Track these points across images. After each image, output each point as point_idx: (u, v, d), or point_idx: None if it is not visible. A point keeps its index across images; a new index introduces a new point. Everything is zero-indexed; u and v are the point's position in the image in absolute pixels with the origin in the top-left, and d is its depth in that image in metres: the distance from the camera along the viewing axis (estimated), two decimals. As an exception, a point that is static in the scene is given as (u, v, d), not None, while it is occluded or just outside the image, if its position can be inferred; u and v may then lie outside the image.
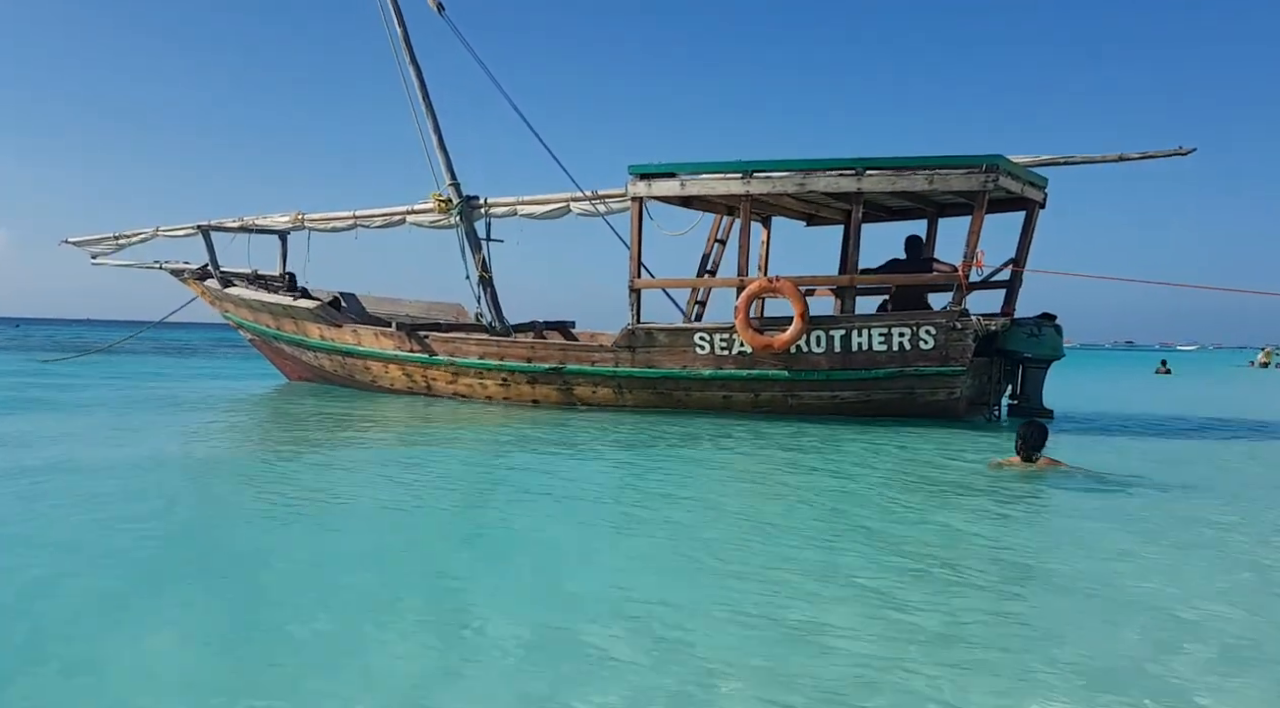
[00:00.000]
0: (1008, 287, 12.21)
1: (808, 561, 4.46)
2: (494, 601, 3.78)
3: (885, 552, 4.65)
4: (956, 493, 6.46)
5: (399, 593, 3.88)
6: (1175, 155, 11.10)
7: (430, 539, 5.10)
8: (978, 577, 4.25)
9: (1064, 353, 11.85)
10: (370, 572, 4.22)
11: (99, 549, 4.57)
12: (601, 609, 3.64)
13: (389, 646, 3.25)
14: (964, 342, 10.61)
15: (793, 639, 3.34)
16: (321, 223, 15.42)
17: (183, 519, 5.44)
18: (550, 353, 12.12)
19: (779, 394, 11.17)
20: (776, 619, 3.55)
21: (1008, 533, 5.32)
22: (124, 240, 17.13)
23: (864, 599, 3.80)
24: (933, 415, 10.88)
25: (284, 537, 4.99)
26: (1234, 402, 18.70)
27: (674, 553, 4.69)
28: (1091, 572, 4.40)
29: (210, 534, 5.10)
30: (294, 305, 14.39)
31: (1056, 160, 11.56)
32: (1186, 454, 9.43)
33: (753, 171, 11.02)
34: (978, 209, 10.53)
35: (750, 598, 3.80)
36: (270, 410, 12.57)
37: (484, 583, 4.11)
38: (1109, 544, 4.96)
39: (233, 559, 4.46)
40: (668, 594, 3.83)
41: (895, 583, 4.05)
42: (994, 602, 3.89)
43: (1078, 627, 3.58)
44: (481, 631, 3.41)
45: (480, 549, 4.85)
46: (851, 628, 3.43)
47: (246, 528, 5.21)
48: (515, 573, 4.27)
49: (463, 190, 14.17)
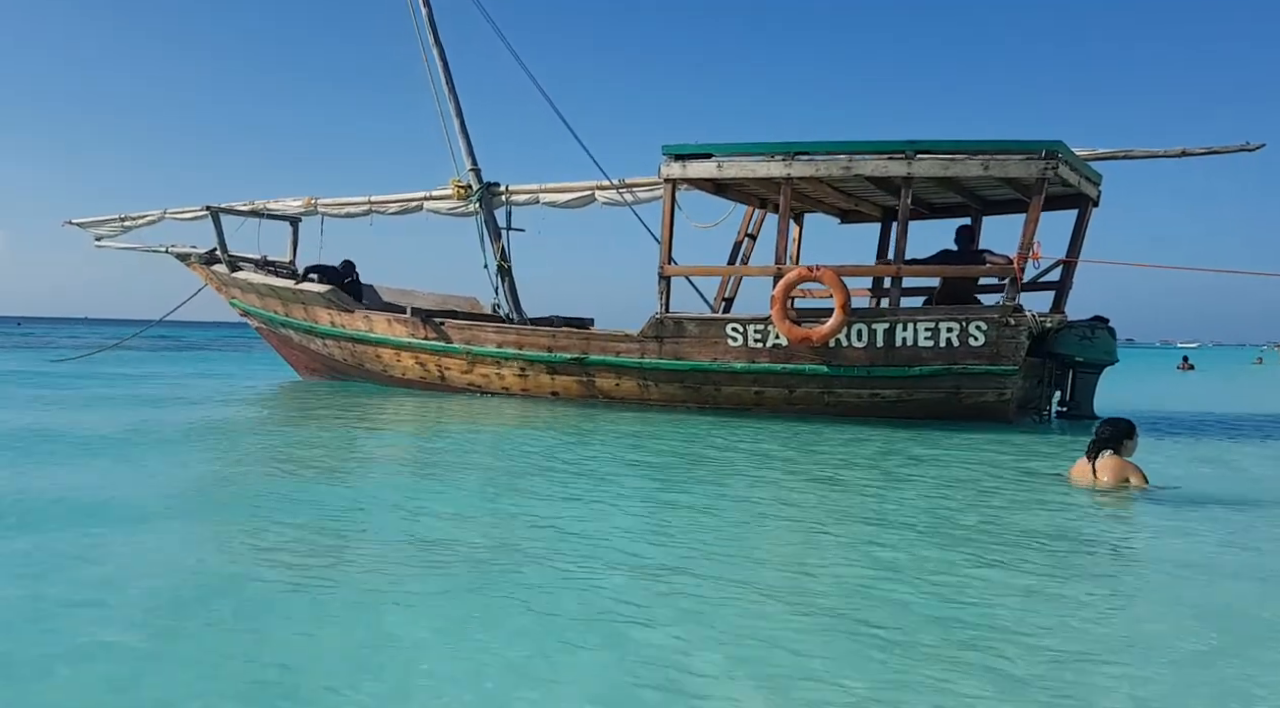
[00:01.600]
0: (1057, 287, 11.57)
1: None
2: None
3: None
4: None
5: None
6: (1242, 151, 10.48)
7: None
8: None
9: (1118, 358, 11.18)
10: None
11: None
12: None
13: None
14: (1017, 339, 9.93)
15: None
16: (335, 208, 14.87)
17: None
18: (572, 342, 11.46)
19: (815, 391, 10.49)
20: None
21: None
22: (130, 222, 16.55)
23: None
24: (979, 418, 10.18)
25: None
26: (1267, 398, 18.06)
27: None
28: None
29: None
30: (303, 290, 13.77)
31: (1115, 154, 10.94)
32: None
33: (795, 153, 10.39)
34: (1036, 196, 9.88)
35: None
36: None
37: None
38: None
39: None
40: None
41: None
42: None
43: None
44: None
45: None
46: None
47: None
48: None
49: (483, 176, 13.64)
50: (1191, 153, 10.59)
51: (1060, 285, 11.55)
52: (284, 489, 5.75)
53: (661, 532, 4.80)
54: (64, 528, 4.49)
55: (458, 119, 13.77)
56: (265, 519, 4.83)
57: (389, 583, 3.64)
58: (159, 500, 5.24)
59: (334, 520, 4.84)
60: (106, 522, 4.64)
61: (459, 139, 13.75)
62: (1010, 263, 10.09)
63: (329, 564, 3.96)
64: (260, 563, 3.93)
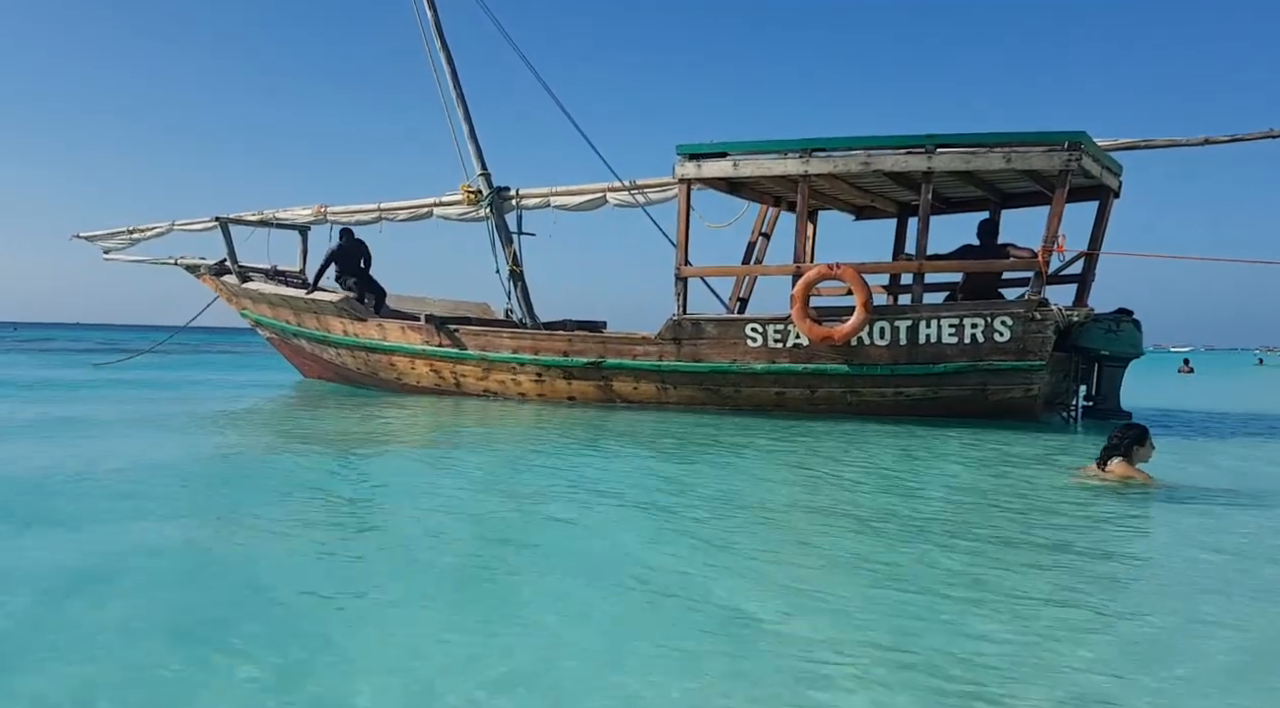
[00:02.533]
0: (1080, 280, 11.39)
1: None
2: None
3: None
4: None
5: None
6: (1268, 137, 10.28)
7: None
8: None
9: (1143, 351, 10.99)
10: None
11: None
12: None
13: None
14: (1044, 334, 9.76)
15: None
16: (345, 216, 14.74)
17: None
18: (589, 346, 11.32)
19: (837, 390, 10.33)
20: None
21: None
22: (138, 235, 16.47)
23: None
24: (1006, 415, 10.01)
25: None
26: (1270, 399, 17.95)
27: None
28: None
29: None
30: (316, 299, 13.65)
31: (1137, 144, 10.75)
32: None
33: (813, 150, 10.24)
34: (1059, 188, 9.70)
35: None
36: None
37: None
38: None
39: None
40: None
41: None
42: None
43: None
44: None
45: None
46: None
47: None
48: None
49: (493, 181, 13.50)
50: (1215, 141, 10.39)
51: (1083, 278, 11.36)
52: (325, 465, 5.60)
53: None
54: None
55: (466, 124, 13.64)
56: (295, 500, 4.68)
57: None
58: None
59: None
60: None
61: (468, 144, 13.61)
62: (1034, 256, 9.93)
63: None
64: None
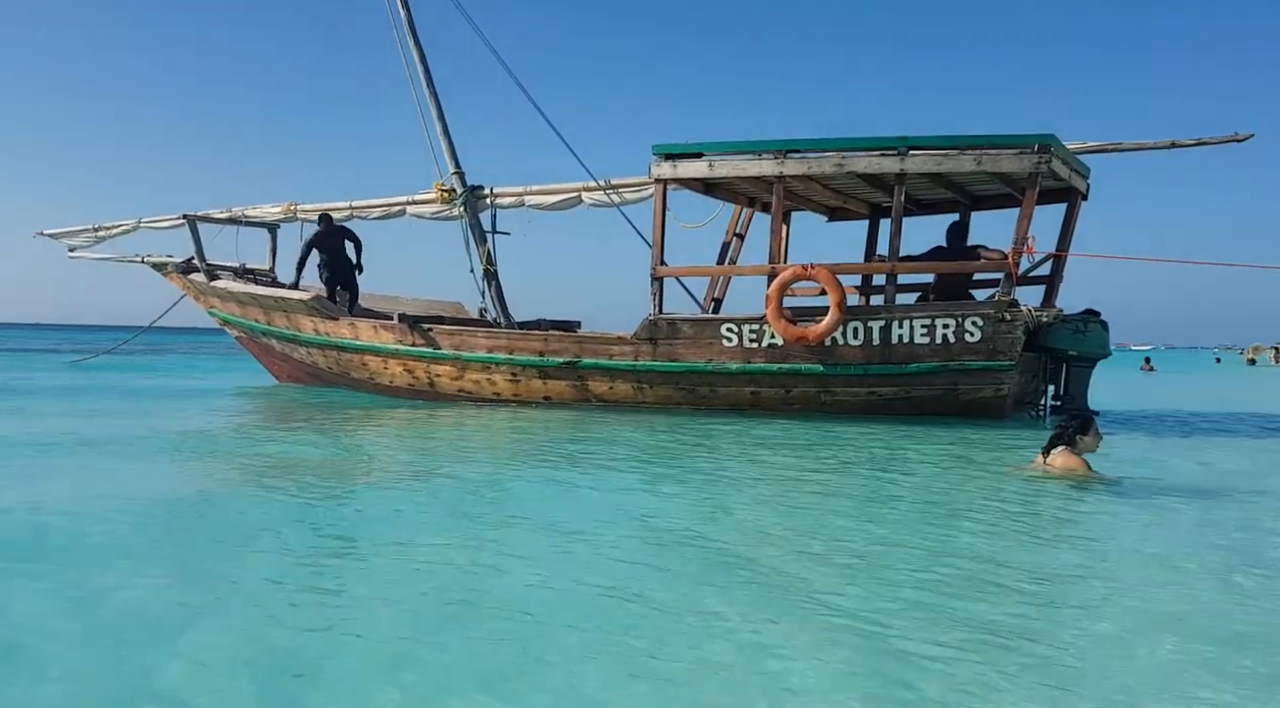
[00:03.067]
0: (1048, 281, 11.57)
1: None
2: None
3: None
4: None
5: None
6: (1231, 142, 10.50)
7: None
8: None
9: (1110, 351, 11.18)
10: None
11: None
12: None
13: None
14: (1013, 334, 9.91)
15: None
16: (315, 214, 14.60)
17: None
18: (565, 346, 11.32)
19: (811, 390, 10.42)
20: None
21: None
22: (104, 232, 16.22)
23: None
24: (976, 414, 10.15)
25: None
26: (1228, 397, 18.75)
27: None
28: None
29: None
30: (286, 298, 13.53)
31: (1105, 147, 10.94)
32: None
33: (787, 151, 10.32)
34: (1029, 191, 9.85)
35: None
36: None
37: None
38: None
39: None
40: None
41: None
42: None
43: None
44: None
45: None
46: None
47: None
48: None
49: (467, 180, 13.46)
50: (1181, 144, 10.60)
51: (1051, 279, 11.54)
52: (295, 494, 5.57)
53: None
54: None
55: (440, 122, 13.58)
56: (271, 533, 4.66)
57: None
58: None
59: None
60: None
61: (441, 142, 13.56)
62: (1005, 258, 10.07)
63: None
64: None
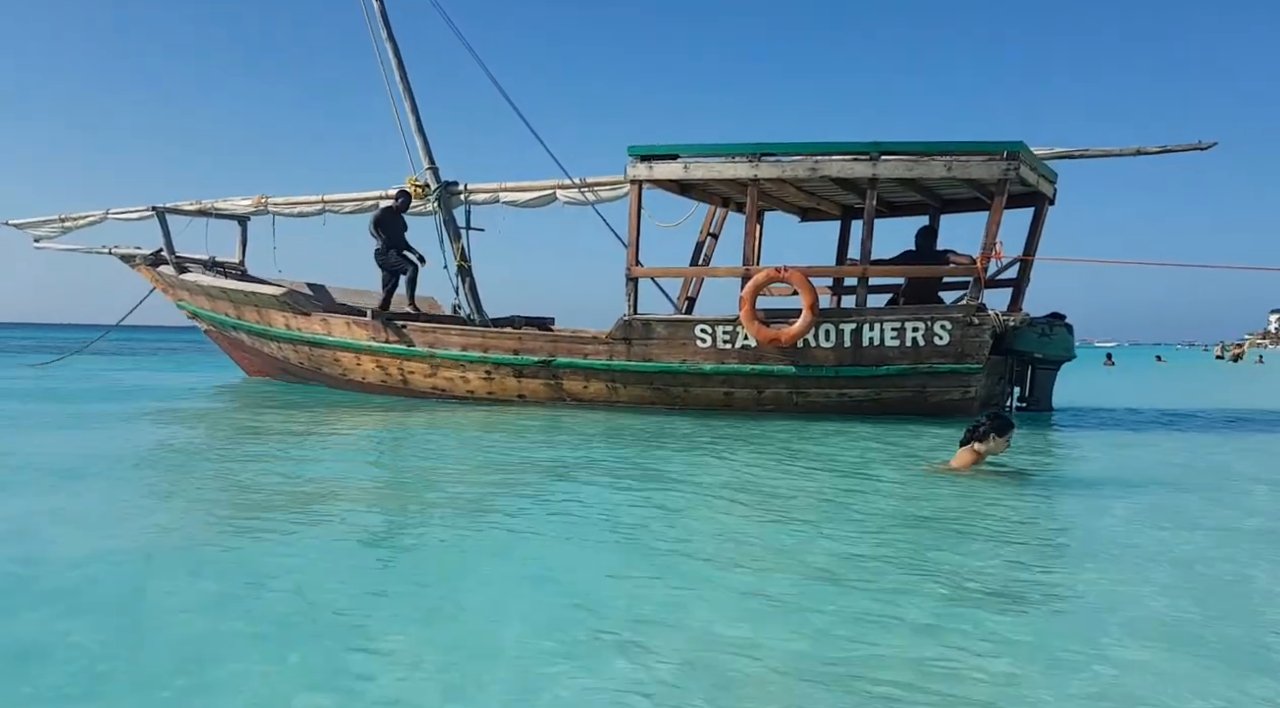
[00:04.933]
0: (1014, 285, 11.77)
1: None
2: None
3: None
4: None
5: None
6: (1194, 149, 10.73)
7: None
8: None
9: (1075, 354, 11.41)
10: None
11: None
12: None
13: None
14: (981, 338, 10.09)
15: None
16: (287, 207, 14.55)
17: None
18: (540, 345, 11.37)
19: (784, 391, 10.55)
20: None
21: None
22: (70, 223, 16.02)
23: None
24: (945, 414, 10.33)
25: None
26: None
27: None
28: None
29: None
30: (257, 292, 13.46)
31: (1072, 153, 11.13)
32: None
33: (761, 155, 10.42)
34: (998, 196, 10.03)
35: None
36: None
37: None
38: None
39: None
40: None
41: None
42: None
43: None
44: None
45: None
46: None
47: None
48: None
49: (441, 175, 13.45)
50: (1146, 152, 10.81)
51: (1017, 283, 11.75)
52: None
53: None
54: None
55: (413, 117, 13.55)
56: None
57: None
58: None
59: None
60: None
61: (415, 137, 13.52)
62: (974, 263, 10.24)
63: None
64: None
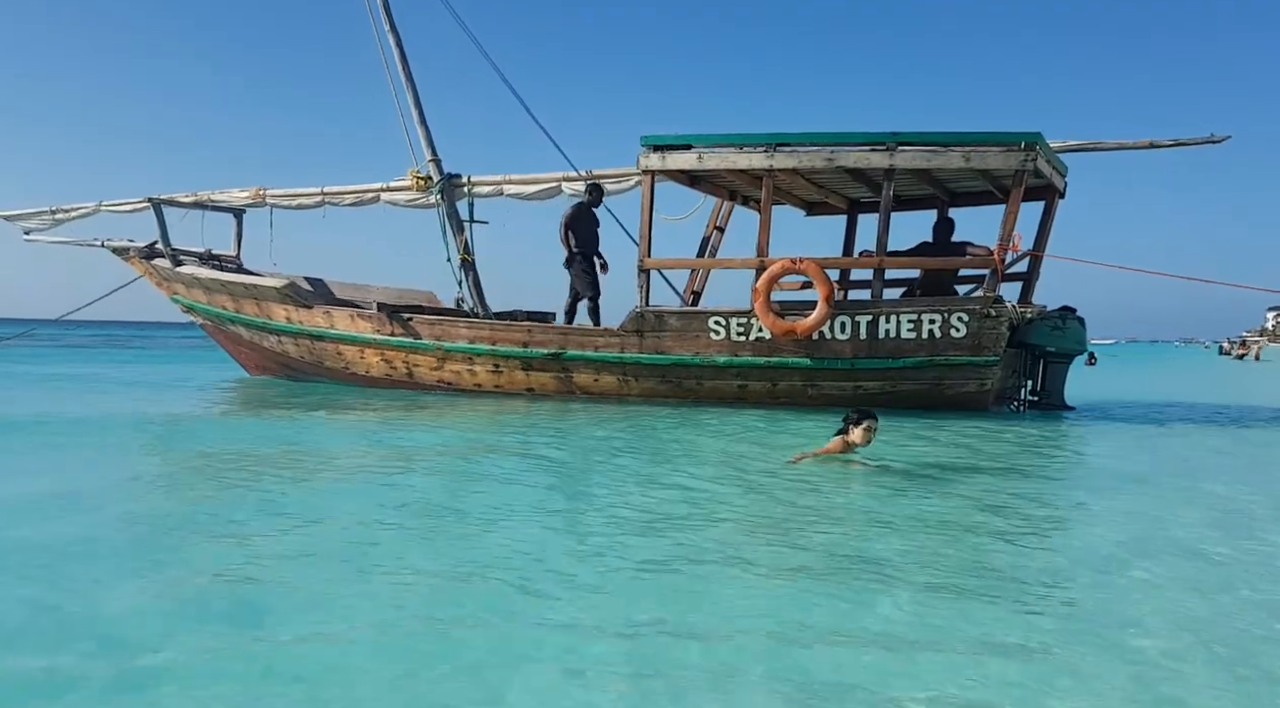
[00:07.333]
0: (1025, 278, 11.73)
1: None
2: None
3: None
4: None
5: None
6: (1209, 143, 10.72)
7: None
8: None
9: (1087, 347, 11.37)
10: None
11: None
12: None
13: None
14: (998, 330, 10.03)
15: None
16: (286, 200, 14.31)
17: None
18: (549, 337, 11.22)
19: (798, 384, 10.45)
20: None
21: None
22: (62, 215, 15.68)
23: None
24: (960, 407, 10.26)
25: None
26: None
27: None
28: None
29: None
30: (258, 285, 13.23)
31: (1085, 146, 11.09)
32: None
33: (777, 145, 10.31)
34: (1015, 188, 9.97)
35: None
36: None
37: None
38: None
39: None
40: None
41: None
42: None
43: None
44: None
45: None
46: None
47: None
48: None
49: (443, 167, 13.26)
50: (1159, 144, 10.79)
51: (1028, 276, 11.71)
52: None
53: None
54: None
55: (416, 109, 13.33)
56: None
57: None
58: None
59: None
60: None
61: (417, 129, 13.31)
62: (991, 255, 10.18)
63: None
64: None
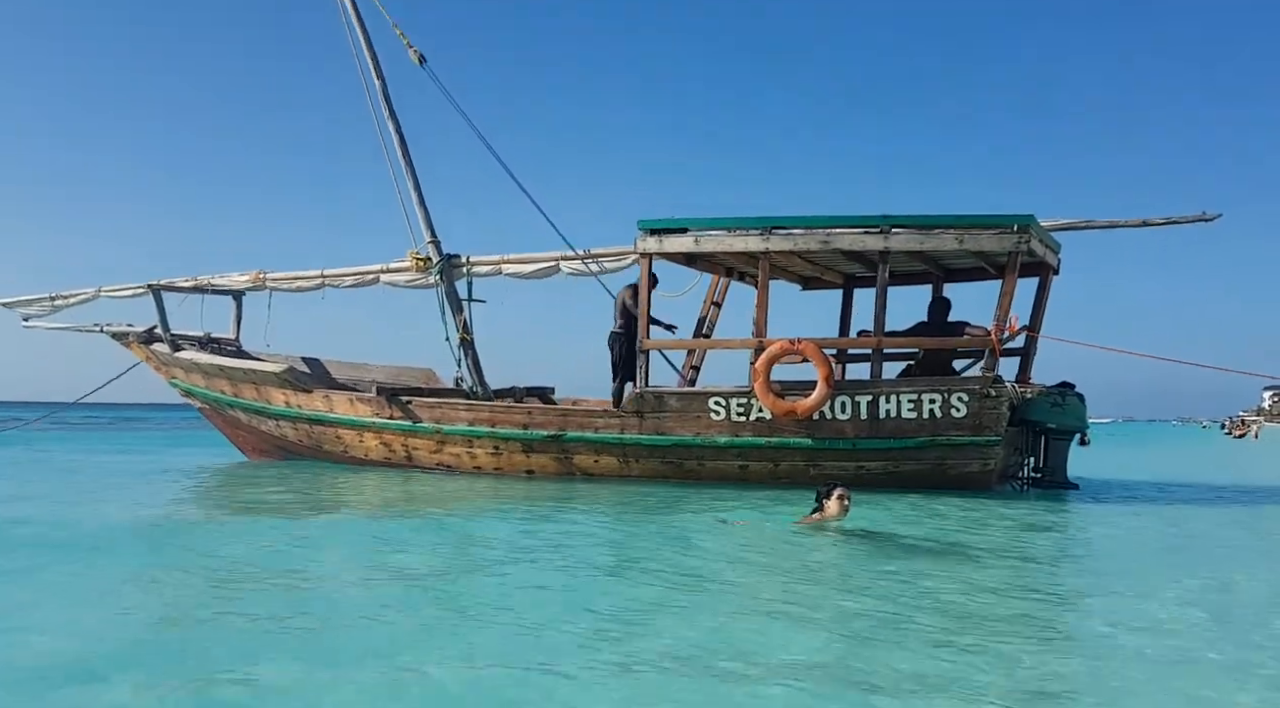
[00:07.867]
0: (1022, 354, 11.78)
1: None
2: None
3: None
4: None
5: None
6: (1200, 221, 10.87)
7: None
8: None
9: (1088, 424, 11.37)
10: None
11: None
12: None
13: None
14: (998, 410, 10.05)
15: None
16: (285, 282, 14.39)
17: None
18: (549, 419, 11.22)
19: (800, 464, 10.42)
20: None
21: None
22: (61, 301, 15.73)
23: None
24: (963, 487, 10.23)
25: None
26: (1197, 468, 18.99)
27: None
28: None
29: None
30: (257, 369, 13.24)
31: (1077, 224, 11.24)
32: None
33: (773, 228, 10.44)
34: (1010, 270, 10.08)
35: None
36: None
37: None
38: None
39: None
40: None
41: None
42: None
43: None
44: None
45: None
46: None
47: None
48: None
49: (442, 248, 13.37)
50: (1151, 223, 10.94)
51: (1025, 353, 11.77)
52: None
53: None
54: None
55: (415, 192, 13.48)
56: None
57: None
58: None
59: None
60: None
61: (417, 211, 13.45)
62: (988, 335, 10.23)
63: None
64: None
